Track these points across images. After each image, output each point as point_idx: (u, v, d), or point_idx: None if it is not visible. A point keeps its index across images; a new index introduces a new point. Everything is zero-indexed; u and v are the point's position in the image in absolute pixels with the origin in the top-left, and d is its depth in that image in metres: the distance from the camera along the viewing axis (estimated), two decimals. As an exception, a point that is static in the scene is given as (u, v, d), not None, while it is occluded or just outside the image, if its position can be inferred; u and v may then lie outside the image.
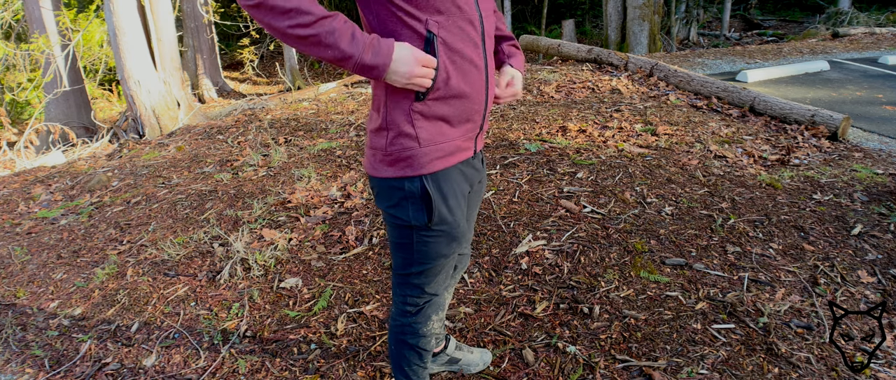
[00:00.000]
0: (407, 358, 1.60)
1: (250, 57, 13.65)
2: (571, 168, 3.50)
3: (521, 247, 2.70)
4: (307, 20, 1.07)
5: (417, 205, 1.31)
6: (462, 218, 1.40)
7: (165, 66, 7.02)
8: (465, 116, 1.31)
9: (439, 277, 1.47)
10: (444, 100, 1.26)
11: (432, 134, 1.27)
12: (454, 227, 1.37)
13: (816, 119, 4.31)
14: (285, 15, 1.06)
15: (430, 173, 1.29)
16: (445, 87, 1.24)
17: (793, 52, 7.90)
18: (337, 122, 5.10)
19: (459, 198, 1.37)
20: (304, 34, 1.08)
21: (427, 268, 1.42)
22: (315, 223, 3.11)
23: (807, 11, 15.58)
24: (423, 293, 1.48)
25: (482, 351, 2.03)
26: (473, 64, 1.28)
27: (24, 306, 2.67)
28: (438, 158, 1.29)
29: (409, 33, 1.20)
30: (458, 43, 1.24)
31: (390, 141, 1.27)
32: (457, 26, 1.23)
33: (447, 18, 1.21)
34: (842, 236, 2.77)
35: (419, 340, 1.56)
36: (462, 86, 1.26)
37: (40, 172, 4.83)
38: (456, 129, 1.31)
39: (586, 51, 6.73)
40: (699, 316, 2.21)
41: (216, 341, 2.29)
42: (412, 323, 1.53)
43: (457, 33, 1.23)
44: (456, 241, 1.40)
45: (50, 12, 7.57)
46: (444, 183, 1.32)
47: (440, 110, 1.27)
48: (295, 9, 1.06)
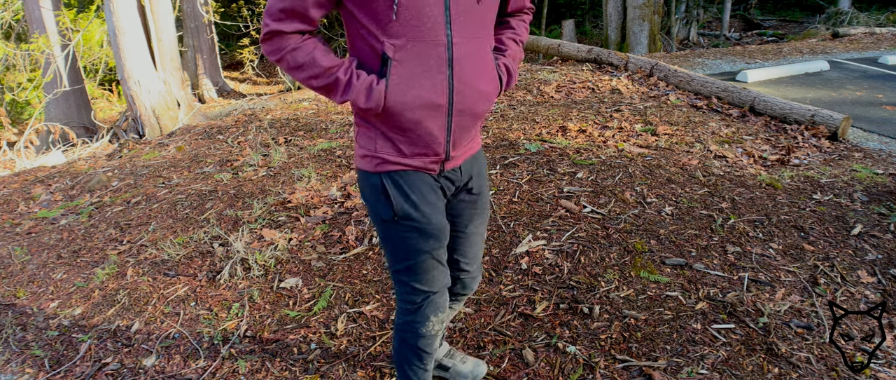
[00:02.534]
0: (408, 358, 1.61)
1: (250, 57, 13.64)
2: (571, 168, 3.50)
3: (521, 247, 2.70)
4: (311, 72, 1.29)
5: (379, 196, 1.40)
6: (435, 214, 1.42)
7: (165, 66, 7.02)
8: (418, 149, 1.35)
9: (427, 276, 1.49)
10: (395, 129, 1.33)
11: (387, 149, 1.36)
12: (424, 223, 1.40)
13: (816, 119, 4.31)
14: (299, 68, 1.29)
15: (384, 172, 1.37)
16: (392, 117, 1.30)
17: (793, 52, 7.90)
18: (337, 122, 5.11)
19: (425, 194, 1.40)
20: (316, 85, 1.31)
21: (410, 264, 1.46)
22: (315, 223, 3.11)
23: (807, 11, 15.58)
24: (415, 291, 1.50)
25: (476, 362, 1.97)
26: (427, 100, 1.29)
27: (24, 306, 2.67)
28: (392, 163, 1.37)
29: (367, 51, 1.29)
30: (412, 72, 1.27)
31: (358, 135, 1.41)
32: (413, 53, 1.26)
33: (404, 43, 1.25)
34: (842, 236, 2.77)
35: (419, 340, 1.56)
36: (408, 119, 1.30)
37: (40, 172, 4.83)
38: (409, 158, 1.36)
39: (586, 51, 6.73)
40: (699, 316, 2.21)
41: (216, 341, 2.29)
42: (412, 322, 1.54)
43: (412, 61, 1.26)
44: (432, 237, 1.43)
45: (50, 12, 7.57)
46: (402, 180, 1.38)
47: (392, 136, 1.34)
48: (302, 64, 1.29)
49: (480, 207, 1.59)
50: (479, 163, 1.55)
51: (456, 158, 1.43)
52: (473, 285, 1.72)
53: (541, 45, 7.70)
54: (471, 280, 1.70)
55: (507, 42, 1.49)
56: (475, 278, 1.71)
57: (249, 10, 12.69)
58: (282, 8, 1.22)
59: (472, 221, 1.59)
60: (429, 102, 1.29)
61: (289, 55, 1.27)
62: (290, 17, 1.24)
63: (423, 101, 1.29)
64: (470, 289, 1.72)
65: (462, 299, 1.76)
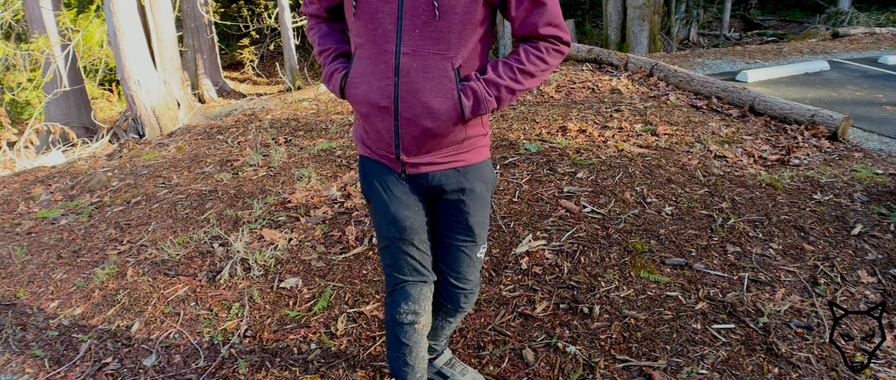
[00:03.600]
0: (389, 342, 1.65)
1: (250, 57, 13.64)
2: (571, 168, 3.50)
3: (521, 247, 2.70)
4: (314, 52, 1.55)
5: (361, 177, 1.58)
6: (392, 203, 1.49)
7: (165, 66, 7.02)
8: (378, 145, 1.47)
9: (395, 261, 1.55)
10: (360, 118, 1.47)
11: (359, 131, 1.53)
12: (380, 207, 1.51)
13: (816, 119, 4.31)
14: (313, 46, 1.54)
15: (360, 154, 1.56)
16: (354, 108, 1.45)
17: (793, 52, 7.90)
18: (337, 122, 5.11)
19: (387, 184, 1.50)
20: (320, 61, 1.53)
21: (382, 246, 1.57)
22: (315, 223, 3.11)
23: (807, 11, 15.58)
24: (389, 275, 1.59)
25: (476, 375, 1.96)
26: (372, 101, 1.37)
27: (24, 306, 2.67)
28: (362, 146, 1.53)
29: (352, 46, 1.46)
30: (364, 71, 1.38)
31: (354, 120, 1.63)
32: (367, 52, 1.37)
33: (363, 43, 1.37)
34: (842, 236, 2.77)
35: (394, 325, 1.61)
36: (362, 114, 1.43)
37: (40, 172, 4.83)
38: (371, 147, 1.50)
39: (586, 51, 6.73)
40: (699, 316, 2.21)
41: (216, 341, 2.29)
42: (389, 304, 1.61)
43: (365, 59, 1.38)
44: (392, 226, 1.50)
45: (50, 12, 7.57)
46: (367, 166, 1.54)
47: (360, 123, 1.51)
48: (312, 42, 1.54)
49: (463, 224, 1.53)
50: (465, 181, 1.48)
51: (416, 165, 1.43)
52: (464, 303, 1.67)
53: (541, 45, 7.68)
54: (460, 296, 1.65)
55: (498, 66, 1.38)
56: (466, 295, 1.65)
57: (249, 10, 12.69)
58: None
59: (452, 231, 1.55)
60: (373, 102, 1.37)
61: (309, 33, 1.55)
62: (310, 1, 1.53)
63: (368, 99, 1.38)
64: (458, 305, 1.67)
65: (455, 314, 1.72)
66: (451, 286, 1.64)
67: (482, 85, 1.36)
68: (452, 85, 1.33)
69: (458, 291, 1.64)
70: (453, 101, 1.34)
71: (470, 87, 1.35)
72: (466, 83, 1.35)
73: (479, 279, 1.68)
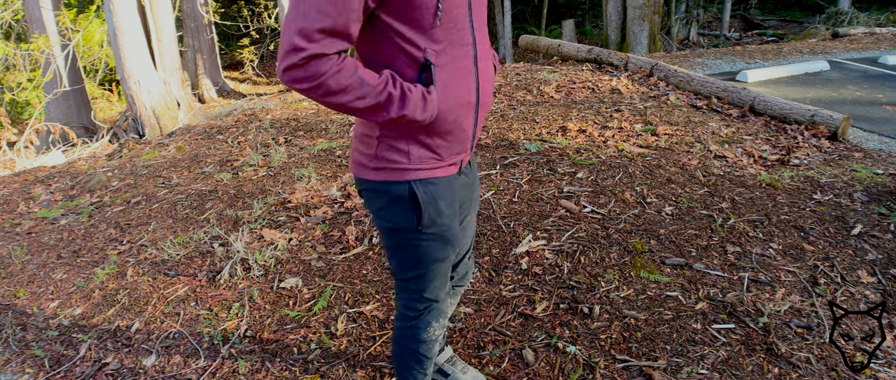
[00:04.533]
0: (407, 363, 1.60)
1: (250, 57, 13.65)
2: (571, 168, 3.50)
3: (521, 247, 2.70)
4: (358, 93, 1.15)
5: (406, 207, 1.31)
6: (455, 220, 1.39)
7: (165, 66, 7.02)
8: (455, 149, 1.34)
9: (436, 282, 1.46)
10: (436, 134, 1.29)
11: (422, 156, 1.30)
12: (447, 229, 1.37)
13: (816, 119, 4.31)
14: (342, 92, 1.13)
15: (416, 180, 1.31)
16: (437, 122, 1.26)
17: (793, 52, 7.90)
18: (337, 122, 5.11)
19: (449, 199, 1.36)
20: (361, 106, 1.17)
21: (422, 273, 1.42)
22: (315, 223, 3.11)
23: (807, 11, 15.58)
24: (421, 299, 1.48)
25: (476, 374, 1.96)
26: (465, 100, 1.30)
27: (24, 306, 2.67)
28: (425, 169, 1.31)
29: (404, 59, 1.21)
30: (452, 74, 1.26)
31: (378, 151, 1.29)
32: (451, 56, 1.25)
33: (444, 47, 1.23)
34: (842, 236, 2.77)
35: (419, 346, 1.56)
36: (450, 122, 1.28)
37: (40, 172, 4.83)
38: (444, 160, 1.33)
39: (586, 51, 6.73)
40: (699, 316, 2.21)
41: (216, 342, 2.29)
42: (413, 328, 1.53)
43: (451, 64, 1.25)
44: (450, 244, 1.40)
45: (50, 12, 7.57)
46: (434, 187, 1.32)
47: (432, 140, 1.29)
48: (346, 87, 1.13)
49: (475, 195, 1.60)
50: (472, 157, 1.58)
51: (470, 154, 1.46)
52: (468, 275, 1.72)
53: (541, 45, 7.70)
54: (466, 270, 1.71)
55: None
56: (470, 269, 1.72)
57: (249, 10, 12.69)
58: (322, 28, 1.06)
59: (469, 213, 1.60)
60: (465, 102, 1.29)
61: (330, 80, 1.10)
62: (330, 36, 1.08)
63: (461, 101, 1.28)
64: (466, 280, 1.72)
65: (459, 291, 1.76)
66: (468, 262, 1.69)
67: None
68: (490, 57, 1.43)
69: (466, 266, 1.70)
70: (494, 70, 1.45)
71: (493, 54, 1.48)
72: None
73: None
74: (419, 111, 1.19)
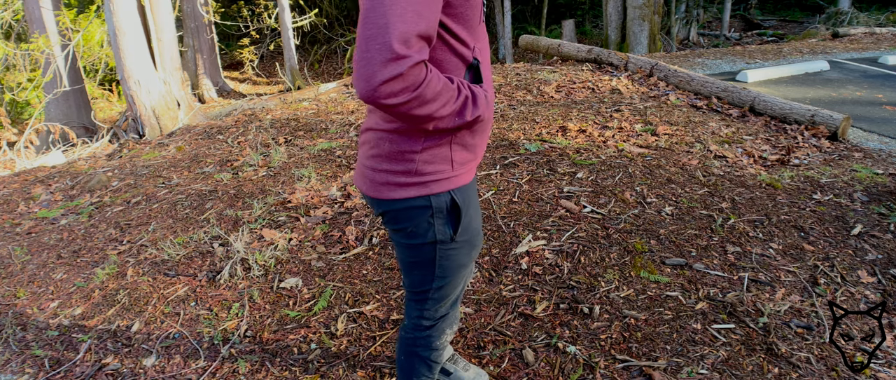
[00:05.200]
0: (416, 370, 1.59)
1: (250, 57, 13.65)
2: (571, 168, 3.50)
3: (521, 247, 2.70)
4: (452, 96, 1.10)
5: (444, 219, 1.27)
6: (480, 223, 1.40)
7: (165, 66, 7.02)
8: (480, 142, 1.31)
9: (458, 289, 1.46)
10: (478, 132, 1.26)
11: (463, 159, 1.26)
12: (475, 234, 1.36)
13: (816, 119, 4.31)
14: (433, 100, 1.06)
15: (456, 188, 1.26)
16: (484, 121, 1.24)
17: (793, 52, 7.90)
18: (337, 122, 5.10)
19: (476, 203, 1.37)
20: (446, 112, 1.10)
21: (448, 281, 1.39)
22: (315, 223, 3.11)
23: (807, 11, 15.59)
24: (440, 308, 1.46)
25: (478, 372, 1.96)
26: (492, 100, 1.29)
27: (24, 306, 2.67)
28: (463, 175, 1.28)
29: (455, 61, 1.17)
30: (487, 70, 1.27)
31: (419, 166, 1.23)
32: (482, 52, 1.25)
33: (482, 45, 1.23)
34: (842, 236, 2.77)
35: (431, 353, 1.55)
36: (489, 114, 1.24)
37: (40, 172, 4.83)
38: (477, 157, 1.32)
39: (586, 51, 6.73)
40: (699, 316, 2.21)
41: (216, 341, 2.29)
42: (426, 336, 1.51)
43: (485, 59, 1.26)
44: (476, 248, 1.39)
45: (50, 12, 7.57)
46: (466, 192, 1.29)
47: (474, 140, 1.26)
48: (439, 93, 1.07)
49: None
50: None
51: None
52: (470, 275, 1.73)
53: (541, 45, 7.70)
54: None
55: None
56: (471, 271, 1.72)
57: (249, 10, 12.69)
58: (420, 32, 0.98)
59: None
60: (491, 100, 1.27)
61: (426, 89, 1.03)
62: (424, 40, 1.01)
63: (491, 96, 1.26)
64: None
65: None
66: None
67: None
68: None
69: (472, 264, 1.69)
70: None
71: None
72: None
73: None
74: (488, 109, 1.18)
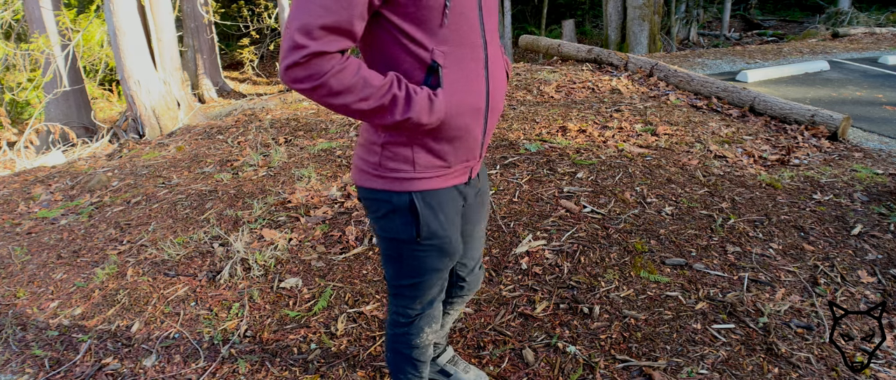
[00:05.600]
0: (401, 367, 1.60)
1: (250, 57, 13.65)
2: (571, 168, 3.50)
3: (521, 247, 2.70)
4: (363, 94, 1.11)
5: (405, 219, 1.29)
6: (455, 232, 1.37)
7: (165, 66, 7.02)
8: (462, 156, 1.30)
9: (432, 291, 1.45)
10: (444, 139, 1.25)
11: (428, 163, 1.26)
12: (446, 241, 1.34)
13: (816, 119, 4.31)
14: (345, 92, 1.09)
15: (418, 191, 1.27)
16: (444, 127, 1.22)
17: (793, 52, 7.90)
18: (337, 122, 5.10)
19: (451, 212, 1.34)
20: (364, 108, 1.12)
21: (418, 281, 1.40)
22: (315, 223, 3.11)
23: (807, 11, 15.59)
24: (414, 305, 1.47)
25: (479, 373, 1.96)
26: (474, 105, 1.25)
27: (24, 306, 2.67)
28: (430, 178, 1.28)
29: (411, 61, 1.17)
30: (461, 77, 1.21)
31: (382, 160, 1.26)
32: (459, 58, 1.20)
33: (452, 49, 1.19)
34: (842, 236, 2.77)
35: (412, 351, 1.55)
36: (459, 127, 1.23)
37: (40, 172, 4.83)
38: (452, 167, 1.30)
39: (586, 51, 6.73)
40: (699, 316, 2.21)
41: (216, 341, 2.29)
42: (404, 333, 1.52)
43: (459, 66, 1.21)
44: (448, 255, 1.38)
45: (50, 12, 7.57)
46: (434, 199, 1.29)
47: (439, 145, 1.25)
48: (350, 87, 1.09)
49: (485, 206, 1.58)
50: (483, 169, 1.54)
51: (479, 163, 1.42)
52: (477, 283, 1.70)
53: (541, 45, 7.70)
54: (474, 280, 1.68)
55: None
56: (478, 277, 1.69)
57: (249, 10, 12.69)
58: (324, 25, 1.03)
59: (478, 223, 1.57)
60: (474, 107, 1.25)
61: (332, 79, 1.07)
62: (333, 33, 1.05)
63: (469, 106, 1.24)
64: (474, 288, 1.71)
65: (467, 298, 1.75)
66: (469, 275, 1.66)
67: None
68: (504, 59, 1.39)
69: (474, 276, 1.67)
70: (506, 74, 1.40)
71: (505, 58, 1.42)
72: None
73: None
74: (425, 114, 1.15)
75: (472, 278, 1.67)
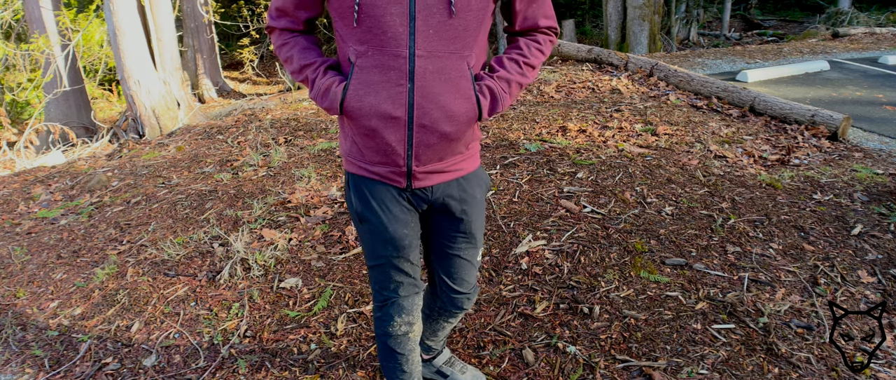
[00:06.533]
0: (383, 354, 1.64)
1: (250, 57, 13.64)
2: (571, 168, 3.50)
3: (521, 247, 2.70)
4: (292, 69, 1.40)
5: (349, 196, 1.48)
6: (392, 223, 1.42)
7: (165, 66, 7.02)
8: (377, 157, 1.35)
9: (388, 279, 1.50)
10: (356, 133, 1.35)
11: (350, 151, 1.42)
12: (377, 227, 1.43)
13: (816, 119, 4.31)
14: (286, 62, 1.41)
15: (351, 173, 1.44)
16: (353, 121, 1.32)
17: (793, 52, 7.90)
18: (337, 122, 5.10)
19: (385, 202, 1.41)
20: (298, 80, 1.41)
21: (372, 264, 1.51)
22: (315, 223, 3.11)
23: (807, 11, 15.58)
24: (380, 291, 1.54)
25: (476, 373, 1.95)
26: (383, 111, 1.26)
27: (24, 306, 2.67)
28: (352, 164, 1.43)
29: (342, 53, 1.35)
30: (371, 78, 1.26)
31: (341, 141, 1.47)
32: (373, 62, 1.25)
33: (366, 50, 1.26)
34: (842, 236, 2.77)
35: (387, 338, 1.58)
36: (367, 127, 1.31)
37: (40, 172, 4.83)
38: (372, 164, 1.38)
39: (586, 51, 6.73)
40: (699, 316, 2.21)
41: (216, 341, 2.29)
42: (380, 318, 1.58)
43: (370, 69, 1.26)
44: (389, 244, 1.44)
45: (50, 12, 7.57)
46: (364, 185, 1.42)
47: (355, 136, 1.37)
48: (287, 59, 1.41)
49: (465, 232, 1.51)
50: (467, 189, 1.46)
51: (424, 177, 1.37)
52: (466, 305, 1.66)
53: (541, 45, 7.68)
54: (463, 300, 1.64)
55: (504, 62, 1.38)
56: (468, 298, 1.65)
57: (249, 10, 12.68)
58: (277, 7, 1.38)
59: (456, 243, 1.52)
60: (384, 113, 1.26)
61: (278, 50, 1.41)
62: (281, 14, 1.39)
63: (378, 110, 1.26)
64: (462, 309, 1.67)
65: (456, 316, 1.72)
66: (453, 294, 1.62)
67: (496, 82, 1.35)
68: (470, 85, 1.30)
69: (461, 296, 1.63)
70: (471, 102, 1.31)
71: (486, 86, 1.34)
72: (481, 82, 1.34)
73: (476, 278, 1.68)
74: (319, 99, 1.33)
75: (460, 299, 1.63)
